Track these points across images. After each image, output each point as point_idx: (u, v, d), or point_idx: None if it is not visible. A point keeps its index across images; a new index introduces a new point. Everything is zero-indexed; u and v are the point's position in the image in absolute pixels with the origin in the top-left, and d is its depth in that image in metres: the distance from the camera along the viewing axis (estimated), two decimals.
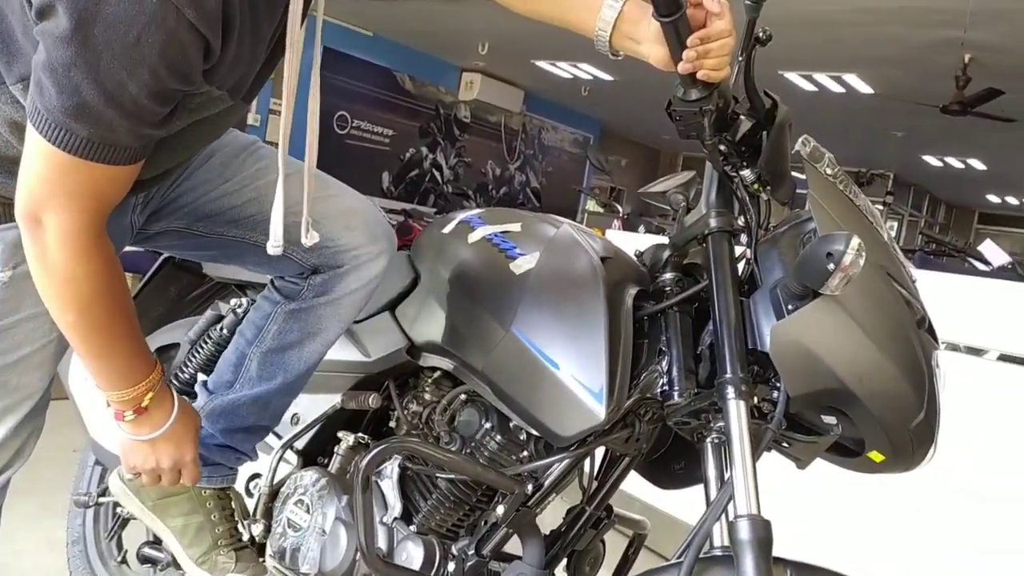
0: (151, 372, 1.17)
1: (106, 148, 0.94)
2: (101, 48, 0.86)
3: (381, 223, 1.46)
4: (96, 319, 1.07)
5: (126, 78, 0.88)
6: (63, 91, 0.89)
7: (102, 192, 0.99)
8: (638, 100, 9.50)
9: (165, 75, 0.91)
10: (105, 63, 0.87)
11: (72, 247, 1.00)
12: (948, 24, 6.11)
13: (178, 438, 1.24)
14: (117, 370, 1.14)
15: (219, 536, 1.45)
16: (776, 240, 1.19)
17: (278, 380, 1.43)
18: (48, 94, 0.90)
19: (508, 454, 1.31)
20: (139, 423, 1.20)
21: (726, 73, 1.10)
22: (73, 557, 2.04)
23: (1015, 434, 2.22)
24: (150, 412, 1.19)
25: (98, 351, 1.12)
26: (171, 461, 1.25)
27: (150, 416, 1.20)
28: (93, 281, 1.04)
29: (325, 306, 1.42)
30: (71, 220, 0.98)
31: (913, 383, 1.09)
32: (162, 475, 1.27)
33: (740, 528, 1.00)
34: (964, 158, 12.18)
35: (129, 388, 1.15)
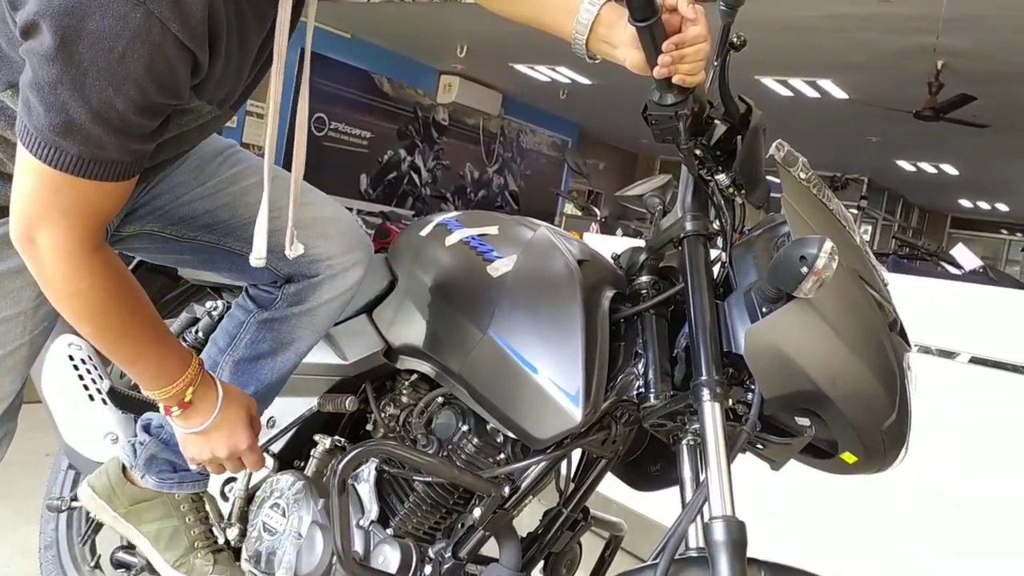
0: (187, 367, 1.16)
1: (97, 165, 0.93)
2: (87, 65, 0.86)
3: (357, 232, 1.45)
4: (113, 328, 1.07)
5: (112, 94, 0.88)
6: (50, 109, 0.88)
7: (95, 208, 0.98)
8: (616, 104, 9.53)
9: (152, 90, 0.91)
10: (91, 80, 0.87)
11: (69, 265, 1.00)
12: (921, 31, 6.19)
13: (229, 426, 1.23)
14: (151, 371, 1.14)
15: (195, 539, 1.44)
16: (751, 244, 1.20)
17: (250, 390, 1.41)
18: (36, 112, 0.89)
19: (485, 457, 1.31)
20: (187, 417, 1.19)
21: (701, 78, 1.11)
22: (46, 562, 2.02)
23: (987, 436, 2.25)
24: (195, 405, 1.19)
25: (126, 356, 1.12)
26: (227, 450, 1.24)
27: (196, 409, 1.19)
28: (99, 293, 1.04)
29: (299, 316, 1.41)
30: (65, 238, 0.97)
31: (885, 385, 1.10)
32: (224, 464, 1.27)
33: (715, 529, 1.00)
34: (937, 163, 12.33)
35: (168, 386, 1.15)
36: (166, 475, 1.44)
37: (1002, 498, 2.19)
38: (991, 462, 2.23)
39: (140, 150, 0.98)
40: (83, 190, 0.95)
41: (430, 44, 9.73)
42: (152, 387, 1.15)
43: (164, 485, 1.44)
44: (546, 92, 11.30)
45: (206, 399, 1.20)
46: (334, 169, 9.87)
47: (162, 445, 1.43)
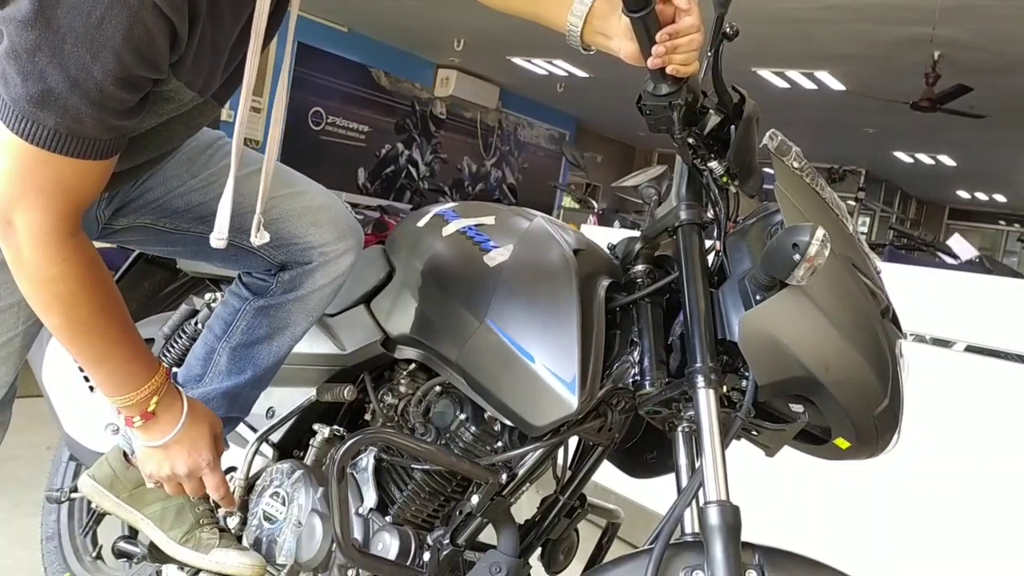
0: (153, 375, 1.14)
1: (74, 140, 0.93)
2: (64, 31, 0.86)
3: (348, 219, 1.46)
4: (82, 321, 1.05)
5: (90, 62, 0.88)
6: (27, 78, 0.88)
7: (72, 188, 0.97)
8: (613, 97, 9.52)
9: (130, 60, 0.90)
10: (69, 46, 0.86)
11: (45, 248, 0.98)
12: (917, 21, 6.19)
13: (191, 442, 1.21)
14: (115, 374, 1.11)
15: (200, 515, 1.45)
16: (744, 232, 1.22)
17: (248, 374, 1.44)
18: (13, 83, 0.89)
19: (482, 444, 1.33)
20: (148, 429, 1.17)
21: (695, 68, 1.12)
22: (48, 553, 2.04)
23: (984, 424, 2.27)
24: (158, 417, 1.16)
25: (91, 355, 1.09)
26: (187, 468, 1.22)
27: (159, 421, 1.17)
28: (71, 282, 1.02)
29: (294, 302, 1.42)
30: (41, 219, 0.96)
31: (878, 371, 1.11)
32: (182, 483, 1.24)
33: (710, 514, 1.02)
34: (934, 154, 12.34)
35: (131, 392, 1.13)
36: None
37: (996, 485, 2.21)
38: (988, 448, 2.24)
39: (119, 127, 0.97)
40: (60, 167, 0.94)
41: (427, 38, 9.72)
42: (115, 392, 1.12)
43: None
44: (543, 85, 11.29)
45: (170, 411, 1.18)
46: (332, 163, 9.88)
47: None
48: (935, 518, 2.29)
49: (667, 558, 1.03)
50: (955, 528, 2.26)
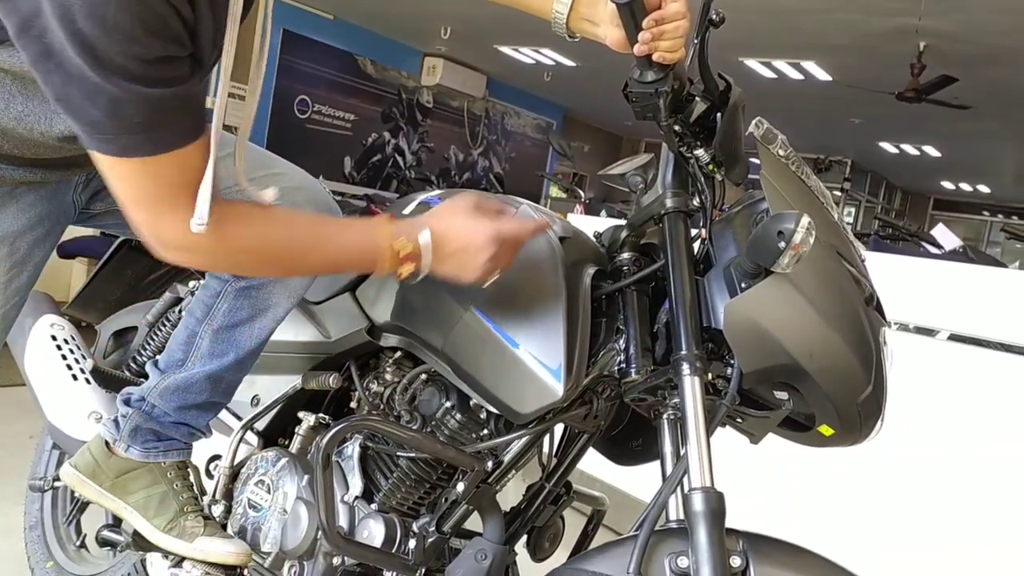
0: (378, 231, 1.12)
1: (160, 134, 0.92)
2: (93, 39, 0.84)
3: (327, 201, 1.46)
4: (293, 255, 1.09)
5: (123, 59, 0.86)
6: (86, 99, 0.87)
7: (183, 182, 0.97)
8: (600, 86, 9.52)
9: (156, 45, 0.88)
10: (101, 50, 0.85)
11: (205, 244, 1.00)
12: (903, 12, 6.21)
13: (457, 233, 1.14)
14: (359, 259, 1.14)
15: (184, 503, 1.45)
16: (730, 220, 1.22)
17: (230, 357, 1.43)
18: (80, 111, 0.89)
19: (468, 432, 1.33)
20: (426, 261, 1.14)
21: (681, 55, 1.12)
22: (31, 542, 2.03)
23: (967, 411, 2.28)
24: (412, 251, 1.13)
25: (328, 266, 1.15)
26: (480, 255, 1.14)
27: (419, 251, 1.13)
28: (254, 241, 1.05)
29: (275, 283, 1.41)
30: (180, 224, 0.97)
31: (861, 358, 1.12)
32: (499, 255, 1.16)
33: (694, 500, 1.02)
34: (919, 145, 12.39)
35: (383, 260, 1.12)
36: (151, 445, 1.45)
37: (977, 471, 2.23)
38: (968, 436, 2.26)
39: (183, 100, 0.94)
40: (161, 168, 0.95)
41: (414, 26, 9.67)
42: (375, 267, 1.13)
43: (149, 455, 1.45)
44: (531, 74, 11.26)
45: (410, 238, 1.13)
46: (318, 152, 9.83)
47: (145, 416, 1.44)
48: (916, 504, 2.31)
49: (652, 544, 1.03)
50: (936, 514, 2.28)
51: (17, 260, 1.17)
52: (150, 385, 1.46)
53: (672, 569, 1.02)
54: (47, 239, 1.21)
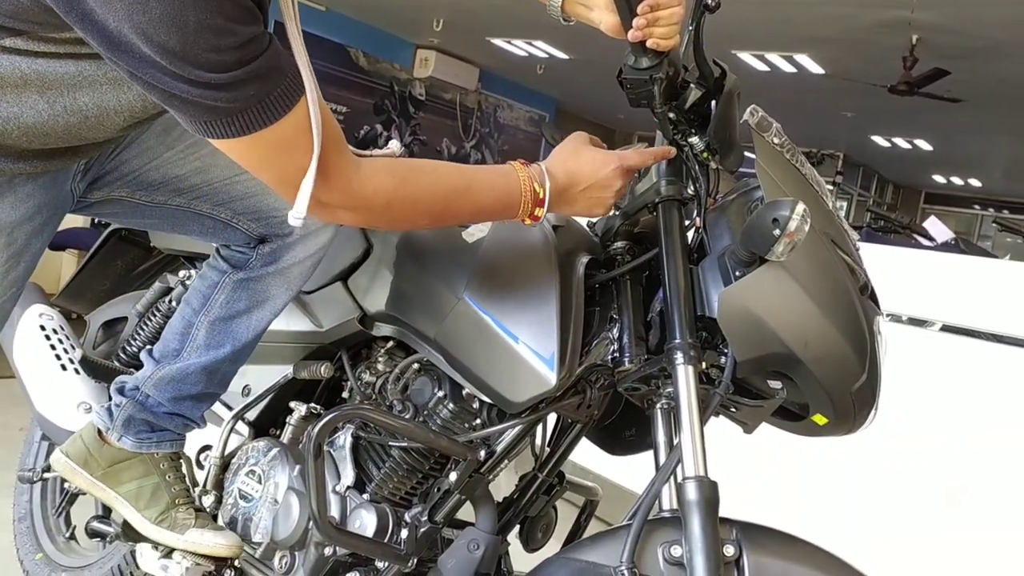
0: (516, 174, 1.14)
1: (266, 104, 0.91)
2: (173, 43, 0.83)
3: None
4: (445, 199, 1.10)
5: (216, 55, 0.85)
6: (192, 94, 0.86)
7: (308, 143, 0.95)
8: (593, 79, 9.52)
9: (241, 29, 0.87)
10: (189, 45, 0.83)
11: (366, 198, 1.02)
12: (896, 5, 6.22)
13: (584, 177, 1.17)
14: (504, 202, 1.13)
15: (176, 495, 1.44)
16: (724, 208, 1.21)
17: (227, 348, 1.41)
18: (191, 108, 0.88)
19: (461, 422, 1.32)
20: (558, 201, 1.16)
21: (676, 42, 1.11)
22: (20, 534, 2.01)
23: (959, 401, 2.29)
24: (549, 193, 1.15)
25: (474, 210, 1.14)
26: (609, 182, 1.18)
27: (556, 194, 1.15)
28: (410, 188, 1.06)
29: (274, 275, 1.40)
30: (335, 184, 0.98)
31: (855, 347, 1.11)
32: (625, 187, 1.21)
33: (688, 489, 1.02)
34: (911, 138, 12.42)
35: (525, 202, 1.13)
36: (144, 435, 1.44)
37: (970, 461, 2.23)
38: (961, 426, 2.27)
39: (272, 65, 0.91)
40: (289, 130, 0.93)
41: (406, 17, 9.64)
42: (512, 214, 1.14)
43: (142, 445, 1.44)
44: (523, 67, 11.24)
45: (540, 182, 1.15)
46: None
47: (138, 406, 1.43)
48: (909, 494, 2.32)
49: (645, 533, 1.03)
50: (928, 504, 2.28)
51: (15, 251, 1.15)
52: (145, 375, 1.45)
53: (665, 558, 1.02)
54: (44, 229, 1.19)
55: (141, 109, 1.09)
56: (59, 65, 0.99)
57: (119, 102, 1.06)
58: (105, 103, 1.05)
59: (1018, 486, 2.14)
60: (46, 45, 0.96)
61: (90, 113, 1.05)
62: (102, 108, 1.05)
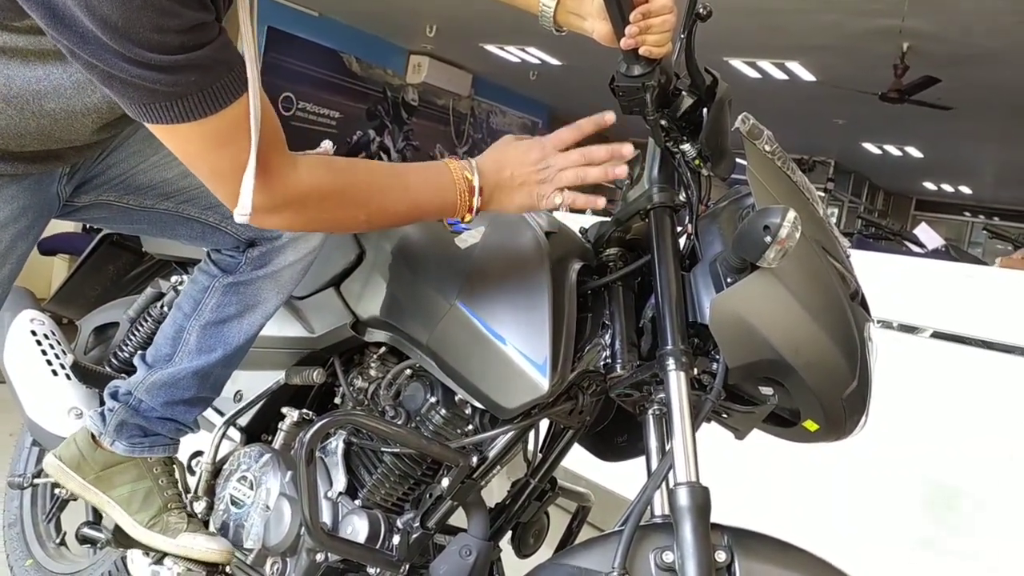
0: (448, 165, 1.13)
1: (208, 93, 0.90)
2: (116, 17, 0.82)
3: None
4: (379, 195, 1.09)
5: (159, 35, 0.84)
6: (128, 74, 0.85)
7: (246, 139, 0.93)
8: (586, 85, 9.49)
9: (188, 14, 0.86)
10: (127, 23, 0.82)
11: (294, 195, 1.01)
12: (886, 13, 6.25)
13: (512, 167, 1.15)
14: (440, 197, 1.11)
15: (168, 499, 1.44)
16: (716, 215, 1.22)
17: (218, 352, 1.41)
18: (128, 88, 0.87)
19: (453, 428, 1.32)
20: (495, 191, 1.14)
21: (668, 49, 1.12)
22: (10, 540, 2.00)
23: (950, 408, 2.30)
24: (480, 181, 1.13)
25: (411, 207, 1.12)
26: (535, 164, 1.15)
27: (490, 184, 1.14)
28: (343, 183, 1.06)
29: (264, 279, 1.40)
30: (264, 184, 0.95)
31: (846, 354, 1.12)
32: (557, 166, 1.15)
33: (679, 495, 1.02)
34: (902, 146, 12.47)
35: (462, 194, 1.12)
36: (136, 440, 1.44)
37: (960, 468, 2.24)
38: (951, 432, 2.28)
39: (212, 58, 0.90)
40: (227, 123, 0.92)
41: (399, 23, 9.65)
42: (450, 210, 1.12)
43: (135, 450, 1.44)
44: (516, 73, 11.25)
45: (473, 174, 1.14)
46: (302, 149, 9.68)
47: (131, 411, 1.42)
48: (899, 500, 2.32)
49: (637, 539, 1.03)
50: (919, 510, 2.29)
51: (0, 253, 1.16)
52: (137, 379, 1.44)
53: (657, 564, 1.02)
54: (30, 232, 1.19)
55: (108, 110, 1.09)
56: (27, 70, 1.00)
57: (85, 105, 1.06)
58: (72, 107, 1.05)
59: (1008, 491, 2.15)
60: (8, 35, 0.97)
61: (59, 116, 1.06)
62: (69, 112, 1.06)
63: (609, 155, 1.17)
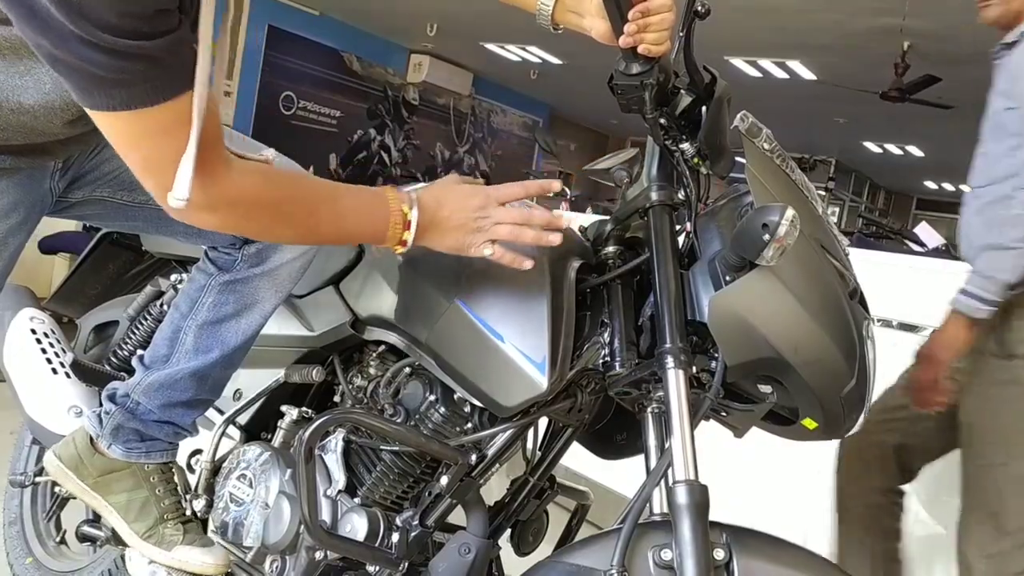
0: (386, 193, 1.13)
1: (153, 87, 0.88)
2: None
3: None
4: (307, 211, 1.08)
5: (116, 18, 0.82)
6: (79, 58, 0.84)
7: (184, 134, 0.92)
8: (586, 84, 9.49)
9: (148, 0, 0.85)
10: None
11: (223, 200, 1.00)
12: (887, 12, 6.24)
13: (451, 209, 1.15)
14: (370, 222, 1.11)
15: (165, 510, 1.42)
16: (715, 213, 1.22)
17: (215, 353, 1.40)
18: (74, 69, 0.86)
19: (452, 426, 1.32)
20: (429, 228, 1.14)
21: (666, 48, 1.12)
22: (10, 538, 2.01)
23: None
24: (417, 218, 1.13)
25: (339, 228, 1.12)
26: (474, 211, 1.15)
27: (425, 220, 1.13)
28: (270, 193, 1.05)
29: (261, 277, 1.38)
30: (197, 181, 0.93)
31: (845, 352, 1.12)
32: (496, 217, 1.16)
33: (678, 493, 1.03)
34: (903, 144, 12.46)
35: (394, 223, 1.12)
36: (133, 445, 1.43)
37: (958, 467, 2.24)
38: None
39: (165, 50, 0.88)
40: (169, 116, 0.91)
41: (400, 22, 9.64)
42: (382, 235, 1.12)
43: (131, 455, 1.43)
44: (517, 72, 11.25)
45: (412, 207, 1.13)
46: (303, 148, 9.77)
47: (128, 415, 1.41)
48: None
49: (635, 537, 1.03)
50: (916, 508, 2.29)
51: None
52: (134, 381, 1.43)
53: (656, 562, 1.02)
54: (23, 227, 1.18)
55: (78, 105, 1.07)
56: (6, 64, 0.99)
57: (64, 100, 1.06)
58: (51, 102, 1.05)
59: None
60: None
61: (38, 112, 1.06)
62: (48, 107, 1.06)
63: (547, 222, 1.18)
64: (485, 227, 1.16)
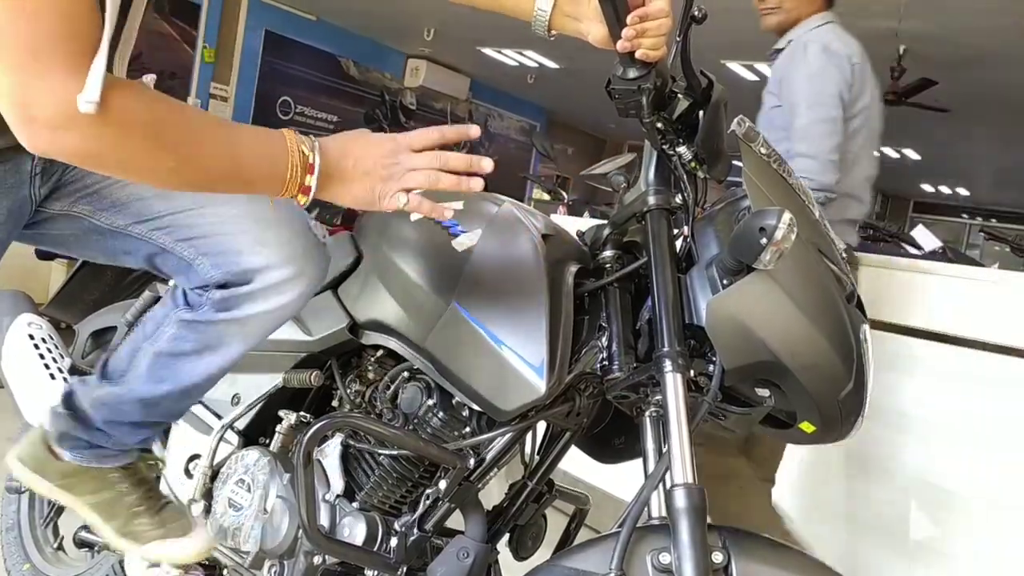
0: (284, 133, 1.02)
1: None
2: None
3: (304, 244, 1.29)
4: (191, 144, 0.95)
5: None
6: None
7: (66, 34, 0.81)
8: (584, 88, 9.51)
9: None
10: None
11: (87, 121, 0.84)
12: (883, 15, 6.25)
13: (351, 146, 1.05)
14: (267, 163, 1.00)
15: (132, 504, 1.38)
16: (712, 217, 1.22)
17: (167, 385, 1.31)
18: None
19: (450, 430, 1.32)
20: (333, 173, 1.03)
21: (664, 52, 1.12)
22: (7, 544, 2.00)
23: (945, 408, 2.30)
24: (319, 160, 1.02)
25: (229, 168, 0.99)
26: (382, 158, 1.05)
27: (329, 165, 1.03)
28: (146, 117, 0.91)
29: (229, 323, 1.28)
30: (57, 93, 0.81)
31: (842, 355, 1.12)
32: (420, 173, 1.06)
33: (676, 497, 1.03)
34: (899, 148, 12.48)
35: (293, 166, 1.01)
36: (81, 452, 1.36)
37: (956, 468, 2.24)
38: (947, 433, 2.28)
39: None
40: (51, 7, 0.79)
41: (397, 27, 9.65)
42: (279, 182, 1.00)
43: (82, 459, 1.36)
44: (514, 76, 11.26)
45: (316, 152, 1.03)
46: None
47: (72, 422, 1.35)
48: (894, 502, 2.32)
49: (634, 541, 1.03)
50: (914, 512, 2.29)
51: None
52: (87, 389, 1.36)
53: (654, 565, 1.02)
54: (2, 227, 1.14)
55: None
56: None
57: None
58: None
59: (1006, 492, 2.15)
60: None
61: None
62: None
63: (467, 166, 1.08)
64: (396, 174, 1.05)
